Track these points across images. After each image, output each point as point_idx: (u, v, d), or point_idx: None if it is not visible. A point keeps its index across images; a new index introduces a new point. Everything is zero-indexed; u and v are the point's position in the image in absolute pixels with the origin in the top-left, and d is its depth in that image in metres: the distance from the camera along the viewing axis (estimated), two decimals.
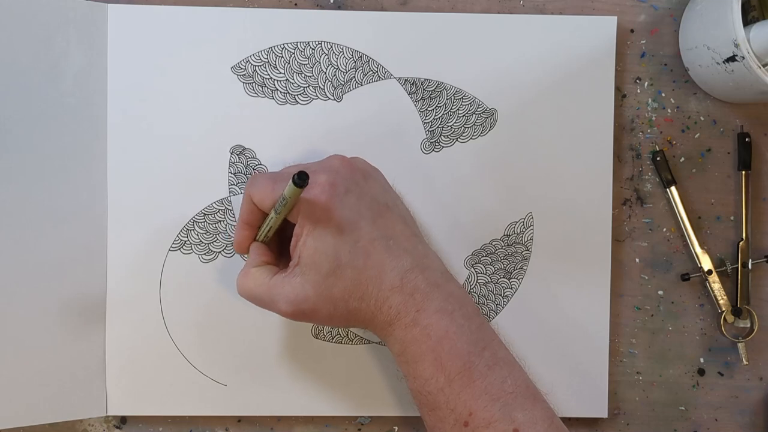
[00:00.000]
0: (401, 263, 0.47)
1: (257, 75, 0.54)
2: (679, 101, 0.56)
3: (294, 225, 0.47)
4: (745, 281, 0.56)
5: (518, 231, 0.55)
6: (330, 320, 0.47)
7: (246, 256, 0.53)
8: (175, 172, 0.54)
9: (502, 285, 0.55)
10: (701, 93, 0.56)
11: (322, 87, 0.54)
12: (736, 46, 0.49)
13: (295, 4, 0.55)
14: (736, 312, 0.55)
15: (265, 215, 0.49)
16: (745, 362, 0.56)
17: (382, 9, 0.55)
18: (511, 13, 0.55)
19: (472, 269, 0.55)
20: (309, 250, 0.46)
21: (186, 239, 0.54)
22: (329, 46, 0.54)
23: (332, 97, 0.54)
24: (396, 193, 0.51)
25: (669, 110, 0.56)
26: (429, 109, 0.55)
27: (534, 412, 0.45)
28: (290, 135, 0.54)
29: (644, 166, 0.56)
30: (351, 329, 0.54)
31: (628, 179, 0.56)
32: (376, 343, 0.55)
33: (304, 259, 0.46)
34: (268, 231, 0.49)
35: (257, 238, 0.50)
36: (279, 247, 0.51)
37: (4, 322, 0.50)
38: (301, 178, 0.43)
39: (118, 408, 0.54)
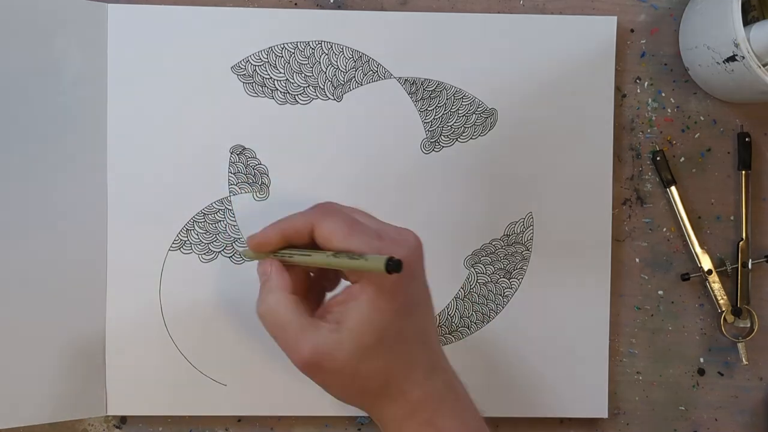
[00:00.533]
0: (429, 361, 0.45)
1: (257, 75, 0.54)
2: (679, 101, 0.56)
3: (324, 272, 0.44)
4: (745, 281, 0.56)
5: (518, 231, 0.55)
6: (341, 390, 0.45)
7: (248, 257, 0.48)
8: (175, 171, 0.54)
9: (502, 285, 0.55)
10: (701, 93, 0.56)
11: (322, 87, 0.54)
12: (736, 45, 0.49)
13: (295, 4, 0.55)
14: (736, 312, 0.55)
15: (314, 246, 0.44)
16: (745, 362, 0.56)
17: (382, 9, 0.55)
18: (511, 13, 0.55)
19: (472, 269, 0.55)
20: (360, 316, 0.42)
21: (186, 239, 0.54)
22: (329, 46, 0.54)
23: (332, 97, 0.54)
24: None
25: (669, 110, 0.56)
26: (429, 109, 0.55)
27: None
28: (290, 135, 0.54)
29: (644, 166, 0.56)
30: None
31: (628, 179, 0.56)
32: None
33: (351, 323, 0.42)
34: (307, 264, 0.44)
35: (286, 257, 0.45)
36: (293, 282, 0.46)
37: (4, 322, 0.50)
38: (395, 266, 0.40)
39: (118, 408, 0.54)
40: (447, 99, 0.55)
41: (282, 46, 0.54)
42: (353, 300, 0.43)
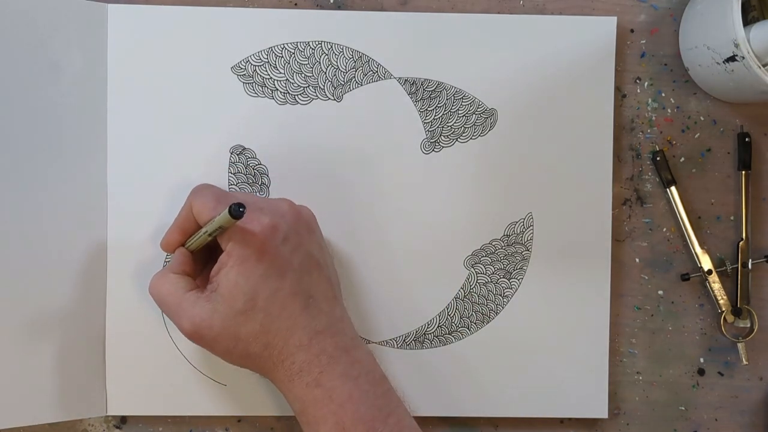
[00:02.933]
0: (314, 324, 0.46)
1: (257, 75, 0.54)
2: (679, 101, 0.56)
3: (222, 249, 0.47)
4: (745, 281, 0.56)
5: (518, 231, 0.55)
6: (226, 355, 0.47)
7: (170, 256, 0.52)
8: (175, 171, 0.54)
9: (502, 285, 0.55)
10: (701, 93, 0.56)
11: (322, 87, 0.54)
12: (736, 46, 0.49)
13: (295, 4, 0.55)
14: (736, 312, 0.55)
15: (200, 227, 0.49)
16: (745, 362, 0.56)
17: (382, 9, 0.55)
18: (511, 13, 0.55)
19: (472, 269, 0.55)
20: (229, 282, 0.45)
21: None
22: (329, 46, 0.54)
23: (332, 97, 0.54)
24: (330, 253, 0.51)
25: (669, 110, 0.56)
26: (429, 109, 0.55)
27: None
28: (290, 135, 0.54)
29: (644, 166, 0.56)
30: None
31: (628, 179, 0.56)
32: (375, 343, 0.55)
33: (221, 289, 0.46)
34: (196, 244, 0.49)
35: (186, 245, 0.50)
36: (204, 261, 0.50)
37: (4, 322, 0.50)
38: (238, 210, 0.43)
39: (118, 408, 0.54)
40: (447, 99, 0.55)
41: (282, 46, 0.54)
42: (223, 267, 0.46)
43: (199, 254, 0.50)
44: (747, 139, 0.56)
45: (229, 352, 0.47)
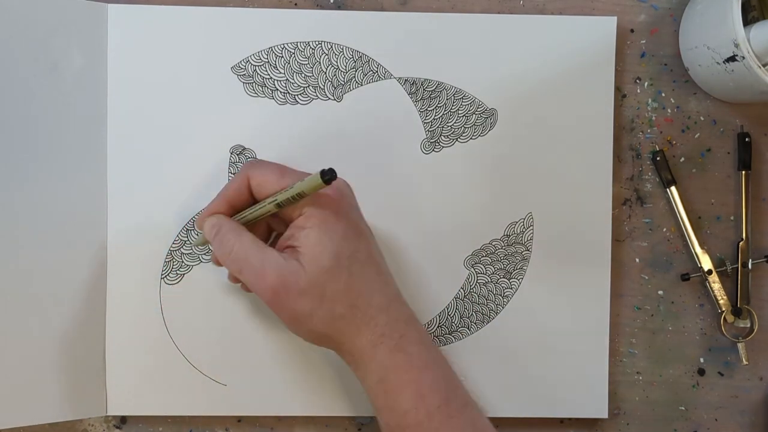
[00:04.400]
0: (388, 289, 0.47)
1: (257, 75, 0.54)
2: (679, 101, 0.56)
3: (266, 225, 0.48)
4: (745, 281, 0.56)
5: (518, 231, 0.55)
6: (307, 318, 0.45)
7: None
8: (175, 172, 0.54)
9: (502, 285, 0.55)
10: (701, 93, 0.56)
11: (322, 87, 0.54)
12: (736, 46, 0.49)
13: (295, 4, 0.55)
14: (736, 312, 0.55)
15: (251, 203, 0.48)
16: (745, 362, 0.56)
17: (382, 9, 0.55)
18: (511, 13, 0.55)
19: (472, 269, 0.55)
20: (312, 241, 0.45)
21: (186, 239, 0.54)
22: (329, 46, 0.54)
23: (332, 97, 0.54)
24: None
25: (669, 110, 0.56)
26: (429, 109, 0.55)
27: None
28: (290, 135, 0.54)
29: (644, 166, 0.56)
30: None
31: (628, 179, 0.56)
32: None
33: (305, 248, 0.45)
34: (253, 218, 0.48)
35: (237, 218, 0.49)
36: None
37: (4, 322, 0.50)
38: (329, 174, 0.42)
39: (118, 408, 0.54)
40: (447, 99, 0.55)
41: (282, 46, 0.54)
42: (301, 230, 0.45)
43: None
44: (747, 139, 0.56)
45: (310, 315, 0.45)
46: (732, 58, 0.50)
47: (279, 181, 0.46)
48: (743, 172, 0.56)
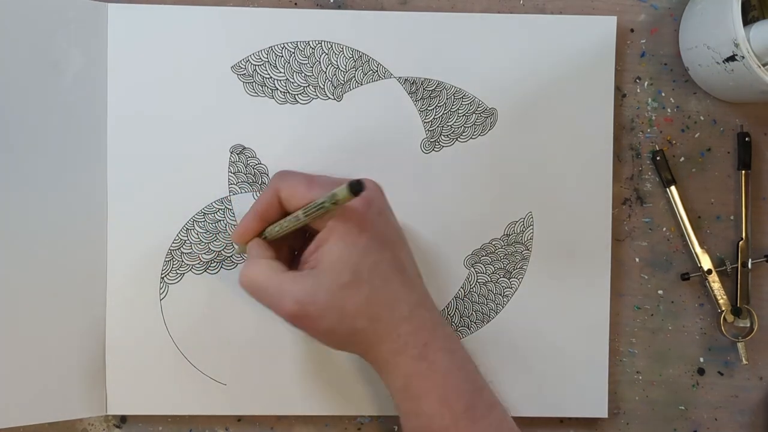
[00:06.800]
0: (412, 297, 0.46)
1: (257, 74, 0.54)
2: (679, 101, 0.56)
3: (300, 234, 0.47)
4: (744, 281, 0.56)
5: (518, 231, 0.55)
6: (330, 334, 0.46)
7: (242, 252, 0.52)
8: (175, 171, 0.54)
9: (502, 285, 0.55)
10: (701, 93, 0.56)
11: (322, 86, 0.54)
12: (736, 45, 0.49)
13: (295, 4, 0.55)
14: (736, 311, 0.56)
15: (284, 214, 0.48)
16: (744, 362, 0.56)
17: (382, 9, 0.55)
18: (511, 13, 0.55)
19: (472, 269, 0.55)
20: (332, 256, 0.45)
21: (186, 239, 0.54)
22: (329, 46, 0.54)
23: (332, 97, 0.55)
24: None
25: (669, 110, 0.56)
26: (429, 108, 0.55)
27: None
28: (290, 134, 0.54)
29: (644, 166, 0.56)
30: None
31: (628, 179, 0.56)
32: None
33: (325, 263, 0.45)
34: (283, 231, 0.48)
35: (264, 234, 0.49)
36: (276, 254, 0.50)
37: (4, 322, 0.50)
38: (358, 186, 0.42)
39: (118, 407, 0.54)
40: (447, 99, 0.55)
41: (282, 46, 0.54)
42: (324, 244, 0.45)
43: (273, 246, 0.49)
44: (747, 139, 0.56)
45: (333, 331, 0.45)
46: (732, 58, 0.50)
47: (307, 193, 0.46)
48: (743, 171, 0.56)
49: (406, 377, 0.45)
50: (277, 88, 0.54)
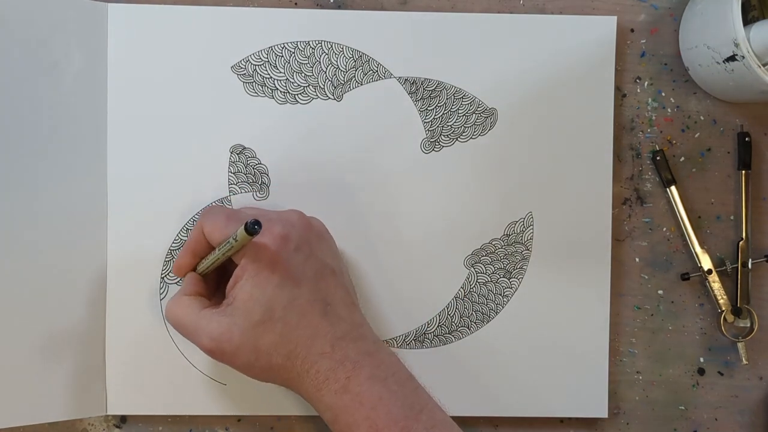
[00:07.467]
0: (335, 330, 0.46)
1: (257, 74, 0.54)
2: (679, 101, 0.56)
3: (236, 266, 0.47)
4: (745, 281, 0.56)
5: (518, 231, 0.55)
6: (248, 369, 0.46)
7: (181, 281, 0.52)
8: (175, 171, 0.54)
9: (502, 285, 0.55)
10: (701, 93, 0.56)
11: (322, 86, 0.54)
12: (736, 45, 0.49)
13: (295, 4, 0.55)
14: (736, 311, 0.55)
15: (212, 248, 0.49)
16: (744, 362, 0.56)
17: (382, 9, 0.55)
18: (511, 13, 0.55)
19: (472, 269, 0.55)
20: (245, 294, 0.45)
21: (186, 239, 0.54)
22: (329, 46, 0.54)
23: (332, 97, 0.55)
24: (343, 261, 0.52)
25: (669, 110, 0.56)
26: (429, 108, 0.55)
27: None
28: (290, 134, 0.54)
29: (644, 166, 0.56)
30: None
31: (628, 179, 0.56)
32: None
33: (238, 302, 0.46)
34: (210, 265, 0.49)
35: (197, 269, 0.50)
36: (216, 283, 0.51)
37: (4, 322, 0.50)
38: (253, 227, 0.43)
39: (118, 407, 0.54)
40: (447, 99, 0.55)
41: (282, 45, 0.54)
42: (239, 280, 0.46)
43: (212, 275, 0.51)
44: (747, 139, 0.56)
45: (251, 366, 0.46)
46: (732, 58, 0.50)
47: (224, 230, 0.47)
48: (743, 171, 0.56)
49: (332, 411, 0.45)
50: (277, 88, 0.54)
